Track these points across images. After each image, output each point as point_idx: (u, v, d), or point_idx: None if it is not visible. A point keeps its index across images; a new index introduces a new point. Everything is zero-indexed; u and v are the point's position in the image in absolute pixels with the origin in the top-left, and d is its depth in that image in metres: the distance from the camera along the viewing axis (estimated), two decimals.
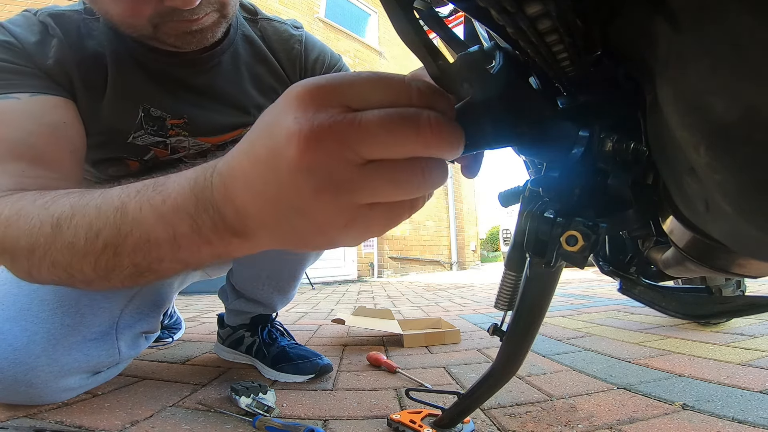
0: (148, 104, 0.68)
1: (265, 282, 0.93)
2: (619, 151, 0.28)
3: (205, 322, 1.74)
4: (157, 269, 0.32)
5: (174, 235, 0.29)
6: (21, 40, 0.57)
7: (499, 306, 0.45)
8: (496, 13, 0.21)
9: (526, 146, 0.30)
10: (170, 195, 0.29)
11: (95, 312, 0.70)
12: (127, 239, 0.31)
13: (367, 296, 3.25)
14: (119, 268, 0.32)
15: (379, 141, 0.22)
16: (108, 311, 0.72)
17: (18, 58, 0.56)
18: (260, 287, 0.93)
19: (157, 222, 0.29)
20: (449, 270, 8.01)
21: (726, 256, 0.30)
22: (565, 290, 2.75)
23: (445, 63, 0.28)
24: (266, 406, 0.66)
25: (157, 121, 0.70)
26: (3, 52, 0.56)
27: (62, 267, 0.35)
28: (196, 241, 0.28)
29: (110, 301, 0.73)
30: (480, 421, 0.64)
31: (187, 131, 0.73)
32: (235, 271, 0.95)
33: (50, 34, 0.60)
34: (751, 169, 0.17)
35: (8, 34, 0.57)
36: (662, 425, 0.59)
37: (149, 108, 0.69)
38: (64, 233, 0.34)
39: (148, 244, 0.30)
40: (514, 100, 0.27)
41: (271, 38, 0.78)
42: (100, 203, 0.33)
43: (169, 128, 0.72)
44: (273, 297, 0.96)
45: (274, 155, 0.23)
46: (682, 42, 0.18)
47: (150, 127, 0.70)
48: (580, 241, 0.27)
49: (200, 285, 1.24)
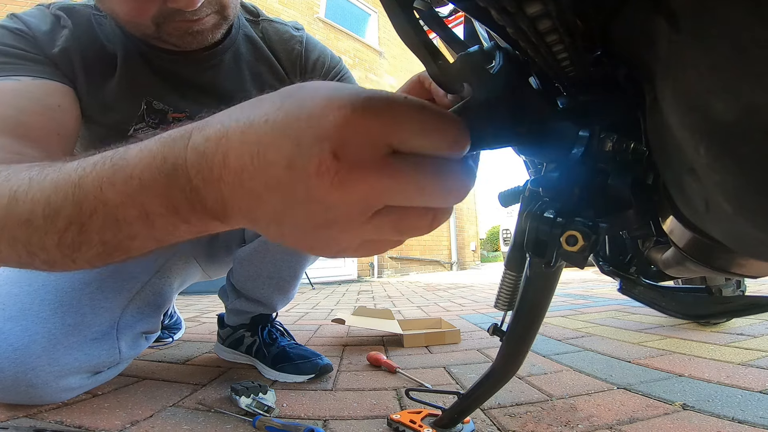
0: (151, 98, 0.70)
1: (265, 281, 0.93)
2: (619, 151, 0.28)
3: (205, 322, 1.74)
4: (129, 247, 0.29)
5: (146, 214, 0.26)
6: (32, 28, 0.61)
7: (499, 306, 0.45)
8: (496, 13, 0.21)
9: (526, 146, 0.30)
10: (133, 173, 0.26)
11: (96, 312, 0.70)
12: (92, 217, 0.28)
13: (367, 296, 3.25)
14: (86, 246, 0.29)
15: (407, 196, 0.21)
16: (109, 311, 0.72)
17: (26, 44, 0.59)
18: (261, 286, 0.93)
19: (124, 202, 0.26)
20: (449, 270, 8.01)
21: (726, 256, 0.30)
22: (565, 290, 2.75)
23: (445, 63, 0.28)
24: (266, 406, 0.66)
25: (158, 114, 0.72)
26: (13, 38, 0.59)
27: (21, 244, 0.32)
28: (172, 221, 0.26)
29: (111, 301, 0.73)
30: (480, 421, 0.64)
31: None
32: (236, 270, 0.95)
33: (61, 25, 0.63)
34: (750, 169, 0.17)
35: (21, 23, 0.61)
36: (662, 425, 0.59)
37: (152, 101, 0.70)
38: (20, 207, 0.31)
39: (117, 223, 0.27)
40: (514, 100, 0.27)
41: (272, 39, 0.79)
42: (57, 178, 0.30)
43: (170, 122, 0.73)
44: (273, 296, 0.96)
45: (293, 175, 0.20)
46: (682, 42, 0.18)
47: (151, 119, 0.72)
48: (580, 241, 0.27)
49: (200, 285, 1.24)
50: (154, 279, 0.83)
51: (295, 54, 0.80)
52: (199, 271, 1.02)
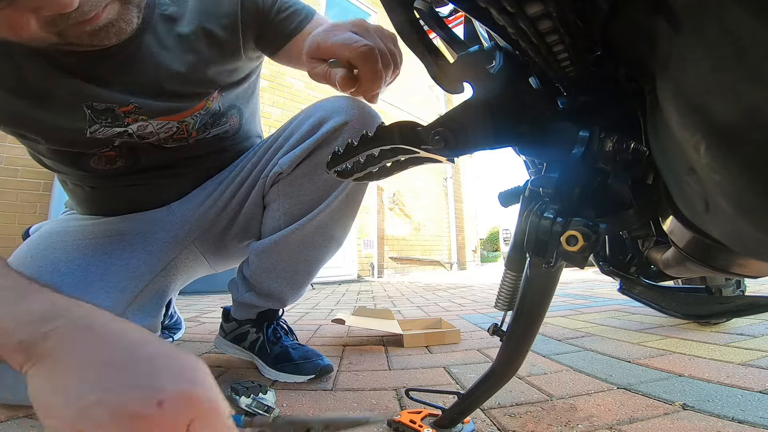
0: (89, 100, 0.67)
1: (281, 274, 0.91)
2: (619, 151, 0.28)
3: (205, 322, 1.74)
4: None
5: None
6: None
7: (499, 306, 0.46)
8: (497, 13, 0.21)
9: (526, 146, 0.30)
10: None
11: None
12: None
13: (367, 296, 3.25)
14: None
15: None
16: (111, 310, 0.72)
17: None
18: (275, 279, 0.92)
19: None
20: (449, 270, 8.01)
21: (726, 256, 0.30)
22: (565, 290, 2.76)
23: (445, 63, 0.28)
24: (266, 406, 0.66)
25: (107, 113, 0.69)
26: None
27: None
28: None
29: (114, 301, 0.73)
30: (480, 421, 0.64)
31: (144, 114, 0.72)
32: (252, 261, 0.92)
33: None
34: (750, 168, 0.17)
35: None
36: (662, 425, 0.59)
37: (92, 103, 0.68)
38: None
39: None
40: (514, 100, 0.27)
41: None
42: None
43: (123, 116, 0.71)
44: (286, 291, 0.94)
45: None
46: (683, 42, 0.18)
47: (103, 120, 0.69)
48: (580, 241, 0.27)
49: (200, 285, 1.24)
50: (159, 277, 0.82)
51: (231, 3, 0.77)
52: (205, 266, 1.00)
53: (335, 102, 0.84)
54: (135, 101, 0.71)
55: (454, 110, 0.31)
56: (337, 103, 0.83)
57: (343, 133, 0.80)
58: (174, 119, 0.76)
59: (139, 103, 0.71)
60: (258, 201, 0.89)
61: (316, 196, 0.84)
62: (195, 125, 0.81)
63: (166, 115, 0.75)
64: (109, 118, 0.70)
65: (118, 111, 0.70)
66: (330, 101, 0.85)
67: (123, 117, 0.71)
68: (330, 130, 0.80)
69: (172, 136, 0.78)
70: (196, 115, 0.79)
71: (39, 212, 3.21)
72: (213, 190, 0.90)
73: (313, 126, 0.82)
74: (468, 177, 9.64)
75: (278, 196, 0.85)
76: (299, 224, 0.84)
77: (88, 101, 0.67)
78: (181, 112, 0.76)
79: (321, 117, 0.82)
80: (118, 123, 0.71)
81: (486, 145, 0.28)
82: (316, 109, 0.84)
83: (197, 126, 0.82)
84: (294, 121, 0.88)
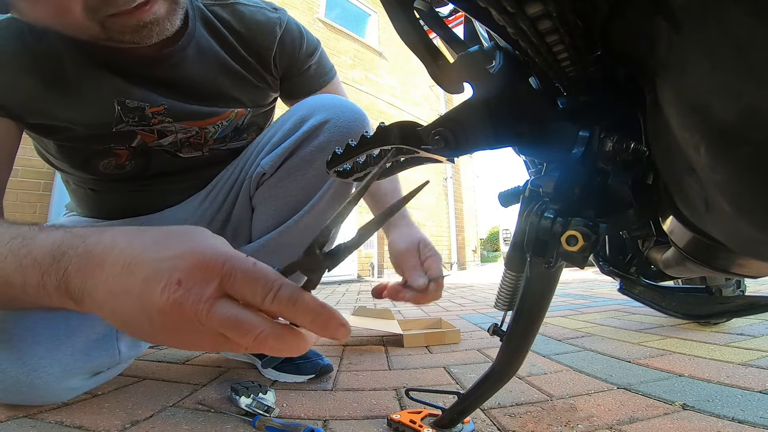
0: (122, 97, 0.68)
1: None
2: (620, 151, 0.28)
3: None
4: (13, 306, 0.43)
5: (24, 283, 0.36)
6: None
7: (499, 306, 0.46)
8: (497, 13, 0.21)
9: (526, 146, 0.30)
10: (32, 250, 0.37)
11: None
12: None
13: (367, 296, 3.25)
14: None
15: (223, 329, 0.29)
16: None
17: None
18: None
19: (16, 270, 0.37)
20: (449, 270, 8.00)
21: (726, 256, 0.30)
22: (565, 290, 2.75)
23: (445, 63, 0.28)
24: (266, 406, 0.66)
25: (136, 112, 0.70)
26: None
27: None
28: (40, 293, 0.36)
29: None
30: (480, 421, 0.64)
31: (171, 117, 0.74)
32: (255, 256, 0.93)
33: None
34: (750, 168, 0.17)
35: None
36: (662, 425, 0.59)
37: (124, 100, 0.68)
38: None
39: (5, 285, 0.38)
40: (514, 100, 0.27)
41: (244, 21, 0.77)
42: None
43: (150, 117, 0.71)
44: None
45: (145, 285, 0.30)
46: (683, 42, 0.18)
47: (130, 118, 0.70)
48: (580, 241, 0.27)
49: None
50: None
51: (270, 39, 0.79)
52: None
53: (317, 100, 0.83)
54: (166, 103, 0.72)
55: (454, 110, 0.31)
56: (318, 101, 0.82)
57: (324, 131, 0.78)
58: (197, 125, 0.78)
59: (169, 105, 0.72)
60: (246, 203, 0.88)
61: (301, 197, 0.82)
62: (215, 134, 0.82)
63: (192, 120, 0.76)
64: (136, 117, 0.71)
65: (148, 111, 0.71)
66: (312, 99, 0.84)
67: (150, 117, 0.72)
68: (311, 129, 0.78)
69: (189, 138, 0.79)
70: (218, 124, 0.80)
71: (39, 212, 3.21)
72: (205, 197, 0.90)
73: (294, 124, 0.80)
74: (468, 177, 9.64)
75: (264, 198, 0.84)
76: (285, 226, 0.82)
77: (120, 96, 0.68)
78: (206, 119, 0.77)
79: (302, 115, 0.80)
80: (143, 123, 0.72)
81: (486, 145, 0.28)
82: (299, 108, 0.83)
83: (216, 136, 0.82)
84: (278, 121, 0.88)
